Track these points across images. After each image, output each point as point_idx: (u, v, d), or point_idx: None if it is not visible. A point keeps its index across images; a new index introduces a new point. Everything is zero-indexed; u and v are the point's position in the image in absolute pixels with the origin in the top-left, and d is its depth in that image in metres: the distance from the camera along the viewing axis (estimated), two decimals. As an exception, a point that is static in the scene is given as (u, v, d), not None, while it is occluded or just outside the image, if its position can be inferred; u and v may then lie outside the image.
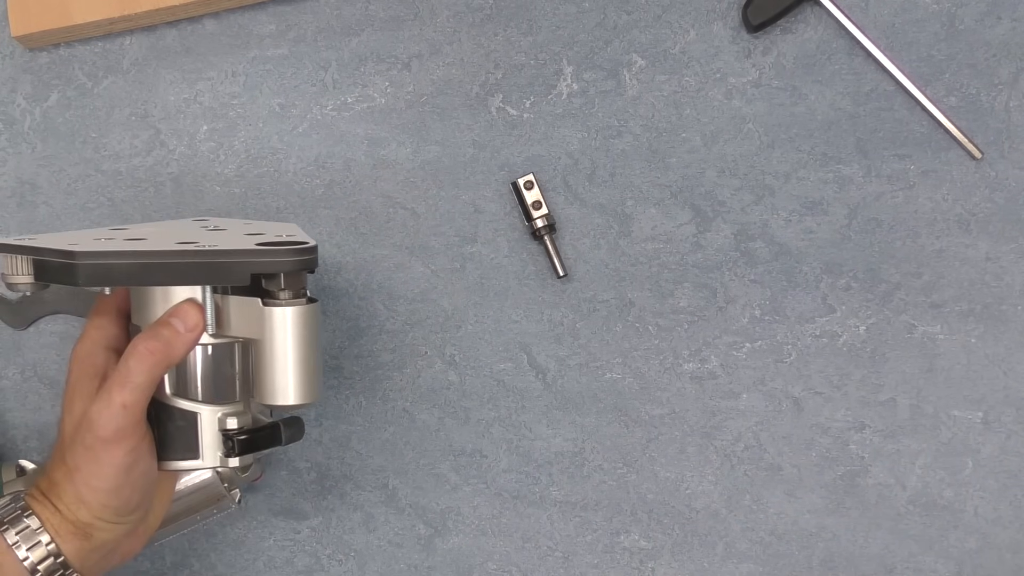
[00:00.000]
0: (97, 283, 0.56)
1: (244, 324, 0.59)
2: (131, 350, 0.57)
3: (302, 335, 0.59)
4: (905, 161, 0.75)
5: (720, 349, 0.75)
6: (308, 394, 0.60)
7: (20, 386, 0.76)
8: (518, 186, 0.74)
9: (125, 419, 0.56)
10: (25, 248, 0.57)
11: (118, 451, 0.56)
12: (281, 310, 0.58)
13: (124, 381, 0.56)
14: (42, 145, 0.76)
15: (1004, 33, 0.74)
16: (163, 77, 0.76)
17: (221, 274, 0.57)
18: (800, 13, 0.75)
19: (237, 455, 0.60)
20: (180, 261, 0.56)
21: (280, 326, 0.58)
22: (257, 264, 0.56)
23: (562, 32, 0.76)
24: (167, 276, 0.57)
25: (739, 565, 0.75)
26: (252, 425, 0.61)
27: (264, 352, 0.58)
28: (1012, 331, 0.74)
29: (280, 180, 0.76)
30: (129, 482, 0.58)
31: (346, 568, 0.76)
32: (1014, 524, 0.74)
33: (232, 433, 0.60)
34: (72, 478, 0.57)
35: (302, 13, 0.76)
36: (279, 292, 0.58)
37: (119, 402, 0.56)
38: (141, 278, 0.56)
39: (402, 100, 0.76)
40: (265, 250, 0.57)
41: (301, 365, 0.59)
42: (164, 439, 0.60)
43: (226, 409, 0.60)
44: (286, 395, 0.59)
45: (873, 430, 0.74)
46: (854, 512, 0.74)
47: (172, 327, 0.58)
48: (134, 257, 0.55)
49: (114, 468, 0.57)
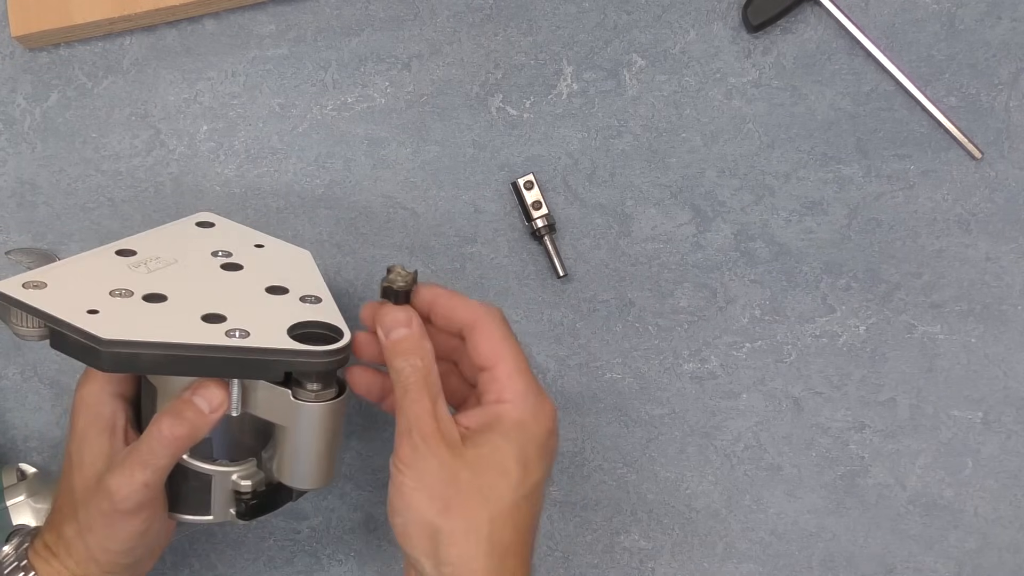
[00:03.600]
0: (122, 371, 0.54)
1: (270, 410, 0.57)
2: (156, 432, 0.55)
3: (329, 428, 0.57)
4: (905, 161, 0.75)
5: (720, 349, 0.75)
6: (328, 479, 0.59)
7: (20, 386, 0.76)
8: (518, 186, 0.74)
9: (146, 495, 0.56)
10: (44, 315, 0.54)
11: (136, 522, 0.56)
12: (312, 406, 0.56)
13: (147, 462, 0.55)
14: (42, 145, 0.76)
15: (1004, 33, 0.74)
16: (163, 77, 0.76)
17: (254, 371, 0.55)
18: (800, 13, 0.75)
19: (248, 518, 0.59)
20: (213, 356, 0.53)
21: (308, 420, 0.56)
22: (293, 364, 0.54)
23: (562, 32, 0.76)
24: (198, 370, 0.54)
25: (739, 565, 0.75)
26: (263, 483, 0.60)
27: (289, 439, 0.57)
28: (1012, 331, 0.74)
29: (280, 180, 0.76)
30: (142, 543, 0.58)
31: (346, 568, 0.76)
32: (1014, 524, 0.74)
33: (245, 497, 0.59)
34: (84, 538, 0.57)
35: (302, 13, 0.76)
36: (311, 385, 0.56)
37: (141, 480, 0.55)
38: (170, 369, 0.54)
39: (402, 100, 0.76)
40: (303, 350, 0.54)
41: (326, 454, 0.58)
42: (176, 494, 0.59)
43: (239, 470, 0.59)
44: (307, 481, 0.59)
45: (873, 430, 0.74)
46: (854, 512, 0.74)
47: (196, 408, 0.55)
48: (165, 349, 0.53)
49: (130, 534, 0.56)
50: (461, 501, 0.53)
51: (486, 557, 0.53)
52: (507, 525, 0.54)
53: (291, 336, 0.55)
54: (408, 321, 0.56)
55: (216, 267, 0.62)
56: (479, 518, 0.53)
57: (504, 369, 0.56)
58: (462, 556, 0.53)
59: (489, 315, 0.58)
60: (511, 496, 0.54)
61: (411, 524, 0.54)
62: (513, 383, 0.56)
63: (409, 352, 0.56)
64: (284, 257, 0.65)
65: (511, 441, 0.55)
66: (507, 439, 0.55)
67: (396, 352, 0.56)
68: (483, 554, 0.53)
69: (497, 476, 0.54)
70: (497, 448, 0.55)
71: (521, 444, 0.55)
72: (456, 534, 0.53)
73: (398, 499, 0.54)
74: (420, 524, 0.53)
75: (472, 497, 0.53)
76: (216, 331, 0.54)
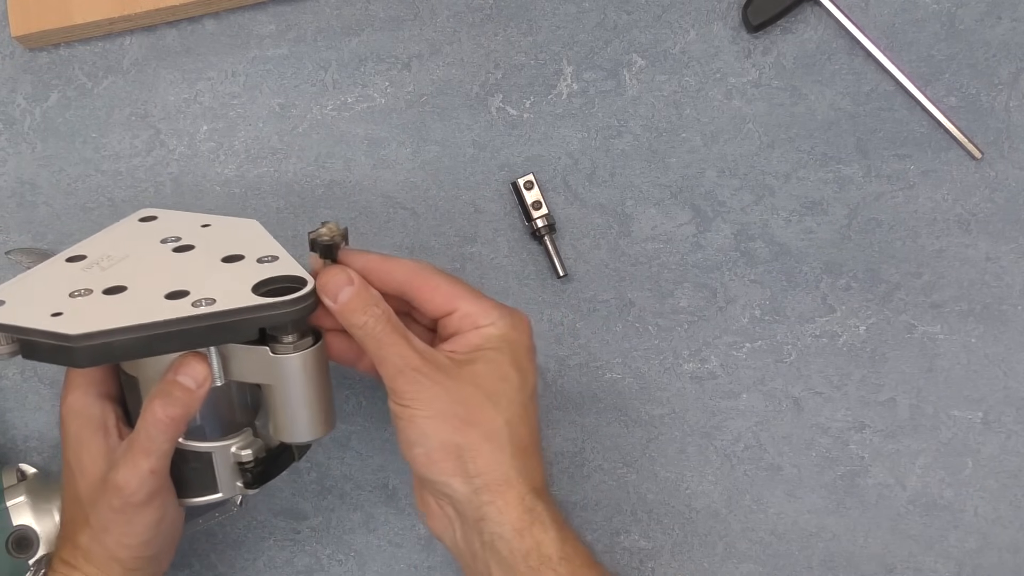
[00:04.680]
0: (98, 363, 0.54)
1: (252, 371, 0.57)
2: (150, 418, 0.56)
3: (315, 375, 0.58)
4: (905, 161, 0.75)
5: (720, 349, 0.75)
6: (326, 427, 0.60)
7: (20, 386, 0.76)
8: (518, 186, 0.74)
9: (155, 483, 0.56)
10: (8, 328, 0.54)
11: (150, 511, 0.57)
12: (291, 357, 0.56)
13: (149, 449, 0.56)
14: (42, 145, 0.76)
15: (1004, 33, 0.74)
16: (163, 77, 0.76)
17: (228, 334, 0.55)
18: (800, 13, 0.75)
19: (256, 486, 0.60)
20: (185, 328, 0.54)
21: (292, 372, 0.57)
22: (265, 319, 0.55)
23: (562, 32, 0.76)
24: (173, 345, 0.55)
25: (739, 565, 0.75)
26: (263, 449, 0.60)
27: (278, 396, 0.58)
28: (1012, 331, 0.74)
29: (280, 180, 0.76)
30: (160, 532, 0.58)
31: (346, 568, 0.76)
32: (1014, 524, 0.74)
33: (248, 465, 0.60)
34: (101, 540, 0.57)
35: (302, 13, 0.76)
36: (286, 337, 0.56)
37: (147, 468, 0.56)
38: (145, 351, 0.54)
39: (402, 100, 0.76)
40: (271, 303, 0.55)
41: (317, 402, 0.58)
42: (181, 480, 0.59)
43: (237, 441, 0.60)
44: (305, 433, 0.59)
45: (873, 430, 0.74)
46: (854, 512, 0.74)
47: (183, 386, 0.56)
48: (136, 332, 0.53)
49: (146, 525, 0.57)
50: (475, 414, 0.56)
51: (511, 458, 0.56)
52: (522, 425, 0.58)
53: (257, 294, 0.56)
54: (349, 279, 0.57)
55: (168, 252, 0.62)
56: (496, 424, 0.57)
57: (467, 305, 0.59)
58: (490, 462, 0.56)
59: (423, 268, 0.60)
60: (518, 398, 0.58)
61: (434, 450, 0.56)
62: (482, 309, 0.59)
63: (364, 305, 0.57)
64: (233, 229, 0.65)
65: (502, 352, 0.58)
66: (498, 351, 0.58)
67: (351, 311, 0.57)
68: (508, 456, 0.56)
69: (499, 383, 0.57)
70: (491, 360, 0.58)
71: (511, 353, 0.58)
72: (479, 444, 0.56)
73: (413, 431, 0.56)
74: (442, 447, 0.56)
75: (484, 407, 0.56)
76: (183, 305, 0.55)
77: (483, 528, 0.56)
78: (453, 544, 0.60)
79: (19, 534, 0.66)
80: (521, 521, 0.56)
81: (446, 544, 0.60)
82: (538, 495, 0.57)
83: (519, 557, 0.55)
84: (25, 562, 0.65)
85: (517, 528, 0.56)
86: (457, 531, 0.59)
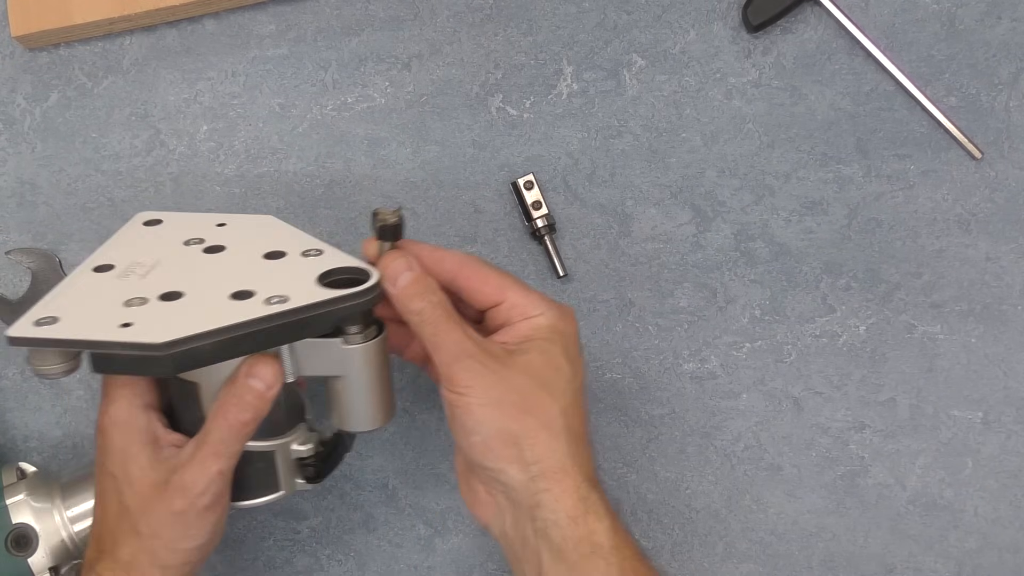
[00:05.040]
0: (183, 370, 0.54)
1: (322, 364, 0.57)
2: (223, 422, 0.56)
3: (382, 364, 0.58)
4: (905, 161, 0.75)
5: (720, 349, 0.75)
6: (390, 414, 0.60)
7: (20, 386, 0.76)
8: (518, 186, 0.74)
9: (221, 484, 0.56)
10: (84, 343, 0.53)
11: (210, 514, 0.57)
12: (362, 347, 0.57)
13: (219, 451, 0.56)
14: (42, 145, 0.76)
15: (1004, 33, 0.74)
16: (163, 77, 0.76)
17: (305, 330, 0.55)
18: (800, 13, 0.75)
19: (319, 480, 0.60)
20: (266, 328, 0.54)
21: (362, 362, 0.57)
22: (339, 311, 0.55)
23: (562, 32, 0.76)
24: (256, 345, 0.55)
25: (739, 565, 0.75)
26: (319, 442, 0.61)
27: (348, 386, 0.58)
28: (1012, 331, 0.74)
29: (280, 180, 0.76)
30: (212, 538, 0.58)
31: (346, 568, 0.76)
32: (1014, 524, 0.74)
33: (310, 460, 0.60)
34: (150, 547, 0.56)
35: (302, 13, 0.76)
36: (353, 328, 0.56)
37: (215, 470, 0.56)
38: (229, 353, 0.54)
39: (402, 100, 0.76)
40: (345, 295, 0.55)
41: (383, 390, 0.59)
42: (244, 482, 0.59)
43: (295, 437, 0.60)
44: (371, 421, 0.60)
45: (873, 430, 0.74)
46: (854, 512, 0.74)
47: (255, 390, 0.56)
48: (220, 335, 0.53)
49: (203, 528, 0.57)
50: (531, 402, 0.57)
51: (566, 446, 0.57)
52: (575, 414, 0.58)
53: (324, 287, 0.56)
54: (409, 264, 0.57)
55: (199, 254, 0.61)
56: (552, 412, 0.57)
57: (516, 296, 0.59)
58: (546, 450, 0.56)
59: (472, 259, 0.61)
60: (571, 388, 0.58)
61: (491, 438, 0.56)
62: (531, 301, 0.59)
63: (422, 291, 0.57)
64: (254, 226, 0.64)
65: (554, 343, 0.58)
66: (550, 342, 0.58)
67: (410, 296, 0.57)
68: (563, 444, 0.57)
69: (553, 373, 0.58)
70: (544, 351, 0.58)
71: (562, 344, 0.59)
72: (536, 432, 0.56)
73: (470, 419, 0.56)
74: (499, 435, 0.56)
75: (539, 396, 0.57)
76: (255, 305, 0.55)
77: (536, 515, 0.56)
78: (501, 531, 0.60)
79: (18, 532, 0.66)
80: (575, 509, 0.56)
81: (492, 531, 0.60)
82: (592, 485, 0.57)
83: (571, 545, 0.56)
84: (24, 560, 0.65)
85: (571, 516, 0.56)
86: (507, 518, 0.59)
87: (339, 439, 0.61)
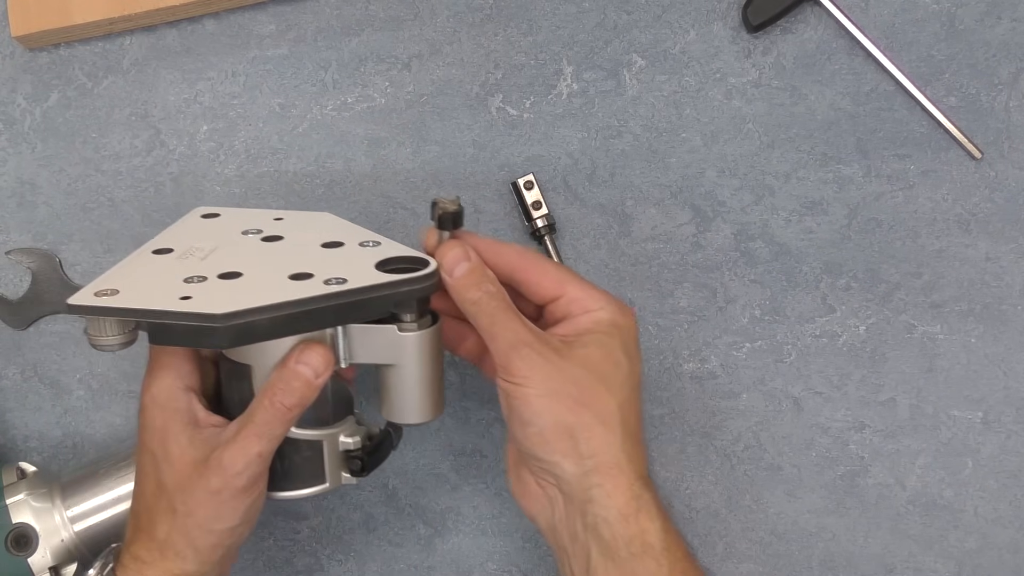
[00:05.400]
0: (239, 343, 0.55)
1: (376, 351, 0.58)
2: (268, 404, 0.56)
3: (435, 355, 0.58)
4: (905, 161, 0.75)
5: (720, 349, 0.75)
6: (439, 409, 0.60)
7: (20, 386, 0.76)
8: (518, 186, 0.74)
9: (260, 467, 0.56)
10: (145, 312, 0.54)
11: (244, 496, 0.56)
12: (418, 335, 0.57)
13: (261, 433, 0.55)
14: (42, 145, 0.76)
15: (1004, 33, 0.74)
16: (163, 77, 0.76)
17: (361, 312, 0.56)
18: (800, 13, 0.75)
19: (366, 473, 0.60)
20: (323, 307, 0.54)
21: (416, 351, 0.57)
22: (399, 295, 0.56)
23: (562, 32, 0.76)
24: (311, 323, 0.55)
25: (739, 565, 0.75)
26: (366, 435, 0.61)
27: (397, 376, 0.58)
28: (1012, 331, 0.74)
29: (280, 180, 0.76)
30: (245, 521, 0.58)
31: (346, 568, 0.76)
32: (1014, 524, 0.74)
33: (356, 453, 0.60)
34: (184, 526, 0.56)
35: (302, 13, 0.76)
36: (408, 316, 0.57)
37: (256, 451, 0.55)
38: (284, 330, 0.55)
39: (402, 100, 0.76)
40: (403, 279, 0.56)
41: (435, 383, 0.59)
42: (289, 471, 0.60)
43: (343, 429, 0.60)
44: (421, 413, 0.60)
45: (873, 430, 0.74)
46: (854, 512, 0.74)
47: (303, 377, 0.56)
48: (277, 310, 0.53)
49: (236, 510, 0.57)
50: (589, 395, 0.56)
51: (622, 441, 0.57)
52: (631, 411, 0.58)
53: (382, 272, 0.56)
54: (467, 254, 0.57)
55: (258, 242, 0.62)
56: (609, 407, 0.57)
57: (576, 290, 0.59)
58: (602, 445, 0.56)
59: (532, 252, 0.61)
60: (628, 384, 0.58)
61: (547, 429, 0.56)
62: (591, 295, 0.59)
63: (479, 281, 0.57)
64: (311, 220, 0.65)
65: (613, 337, 0.58)
66: (609, 336, 0.58)
67: (467, 286, 0.57)
68: (619, 439, 0.57)
69: (611, 368, 0.58)
70: (603, 345, 0.58)
71: (621, 339, 0.59)
72: (592, 426, 0.56)
73: (527, 410, 0.56)
74: (556, 427, 0.56)
75: (596, 389, 0.57)
76: (313, 285, 0.55)
77: (588, 510, 0.56)
78: (548, 524, 0.59)
79: (18, 532, 0.66)
80: (628, 507, 0.56)
81: (539, 523, 0.60)
82: (645, 483, 0.57)
83: (622, 543, 0.55)
84: (24, 560, 0.65)
85: (624, 513, 0.56)
86: (557, 512, 0.58)
87: (386, 434, 0.61)
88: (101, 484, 0.68)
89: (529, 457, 0.58)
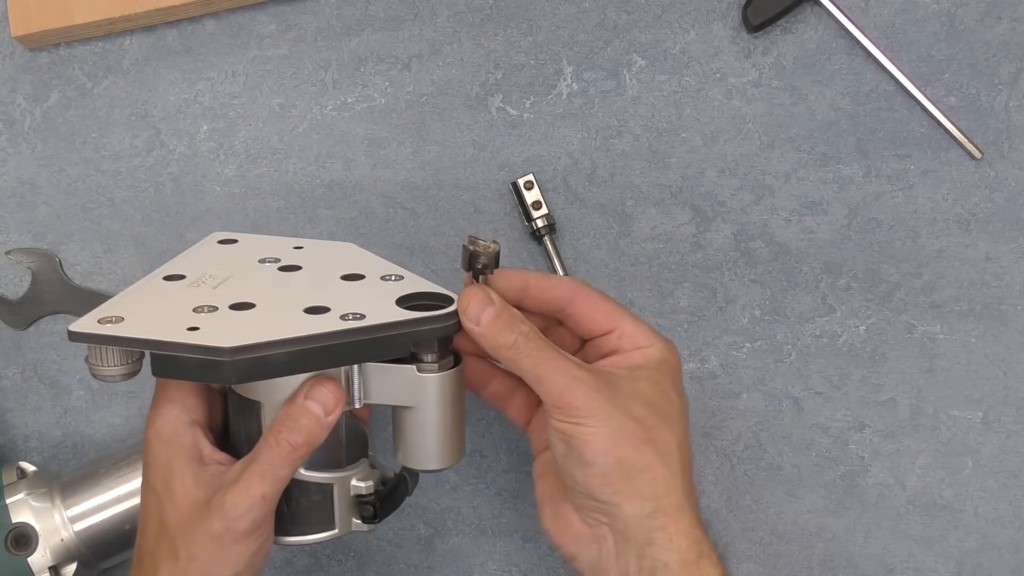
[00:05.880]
0: (248, 379, 0.52)
1: (393, 392, 0.55)
2: (273, 443, 0.53)
3: (456, 398, 0.56)
4: (905, 161, 0.75)
5: (720, 349, 0.75)
6: (458, 455, 0.57)
7: (20, 386, 0.76)
8: (518, 186, 0.74)
9: (263, 510, 0.53)
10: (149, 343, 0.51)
11: (248, 542, 0.54)
12: (437, 376, 0.54)
13: (265, 473, 0.53)
14: (42, 145, 0.76)
15: (1004, 33, 0.74)
16: (163, 77, 0.76)
17: (380, 350, 0.53)
18: (800, 13, 0.75)
19: (377, 520, 0.57)
20: (338, 343, 0.52)
21: (436, 393, 0.54)
22: (417, 334, 0.53)
23: (562, 32, 0.76)
24: (325, 361, 0.52)
25: (739, 565, 0.75)
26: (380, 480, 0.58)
27: (414, 419, 0.55)
28: (1012, 331, 0.74)
29: (280, 180, 0.76)
30: (252, 566, 0.55)
31: (346, 568, 0.76)
32: (1014, 524, 0.74)
33: (369, 499, 0.57)
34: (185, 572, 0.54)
35: (302, 13, 0.76)
36: (428, 356, 0.54)
37: (259, 493, 0.52)
38: (297, 367, 0.52)
39: (402, 100, 0.76)
40: (424, 317, 0.53)
41: (454, 428, 0.56)
42: (297, 514, 0.57)
43: (356, 472, 0.57)
44: (438, 460, 0.57)
45: (873, 430, 0.74)
46: (854, 512, 0.74)
47: (312, 414, 0.53)
48: (290, 345, 0.51)
49: (239, 556, 0.54)
50: (651, 432, 0.54)
51: (682, 482, 0.54)
52: (686, 449, 0.56)
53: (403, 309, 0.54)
54: (489, 299, 0.54)
55: (275, 272, 0.60)
56: (670, 446, 0.54)
57: (627, 324, 0.57)
58: (666, 486, 0.54)
59: (584, 286, 0.58)
60: (682, 422, 0.56)
61: (611, 470, 0.53)
62: (641, 331, 0.57)
63: (511, 324, 0.54)
64: (332, 250, 0.63)
65: (664, 374, 0.56)
66: (660, 372, 0.56)
67: (497, 331, 0.54)
68: (680, 479, 0.54)
69: (666, 404, 0.56)
70: (656, 382, 0.56)
71: (671, 376, 0.57)
72: (656, 466, 0.54)
73: (588, 450, 0.53)
74: (620, 466, 0.53)
75: (658, 426, 0.54)
76: (330, 320, 0.53)
77: (647, 553, 0.53)
78: (591, 564, 0.56)
79: (18, 531, 0.66)
80: (690, 552, 0.53)
81: (579, 563, 0.57)
82: (703, 528, 0.55)
83: None
84: (24, 560, 0.65)
85: (686, 559, 0.53)
86: (604, 551, 0.55)
87: (400, 479, 0.58)
88: (101, 484, 0.68)
89: (584, 497, 0.55)
